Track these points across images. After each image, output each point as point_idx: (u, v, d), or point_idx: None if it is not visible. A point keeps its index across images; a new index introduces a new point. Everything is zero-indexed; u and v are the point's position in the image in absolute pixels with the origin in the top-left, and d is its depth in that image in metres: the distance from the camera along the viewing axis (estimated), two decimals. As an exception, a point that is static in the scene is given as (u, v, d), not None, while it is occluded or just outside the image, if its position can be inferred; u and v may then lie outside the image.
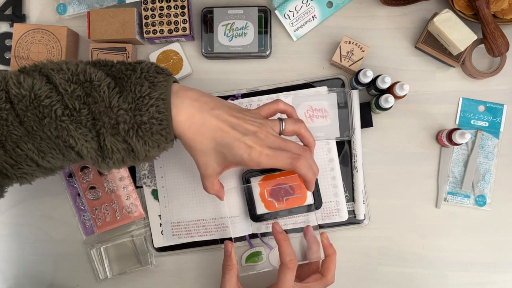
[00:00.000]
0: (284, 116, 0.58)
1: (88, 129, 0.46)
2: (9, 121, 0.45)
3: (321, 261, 0.62)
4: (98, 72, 0.48)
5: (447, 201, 0.67)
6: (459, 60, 0.66)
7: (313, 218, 0.64)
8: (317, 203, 0.64)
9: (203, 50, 0.67)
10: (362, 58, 0.65)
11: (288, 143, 0.52)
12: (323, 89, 0.66)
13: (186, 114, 0.49)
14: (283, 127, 0.54)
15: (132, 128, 0.47)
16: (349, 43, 0.65)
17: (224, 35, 0.66)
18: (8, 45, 0.69)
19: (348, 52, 0.65)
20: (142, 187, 0.67)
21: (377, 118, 0.68)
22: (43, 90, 0.46)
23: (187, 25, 0.66)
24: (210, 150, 0.51)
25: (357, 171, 0.66)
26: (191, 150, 0.52)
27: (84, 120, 0.46)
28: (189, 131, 0.49)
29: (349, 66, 0.65)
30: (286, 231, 0.66)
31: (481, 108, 0.68)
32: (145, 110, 0.47)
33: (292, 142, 0.53)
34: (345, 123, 0.65)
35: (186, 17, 0.66)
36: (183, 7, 0.66)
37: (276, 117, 0.57)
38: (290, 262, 0.56)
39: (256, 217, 0.64)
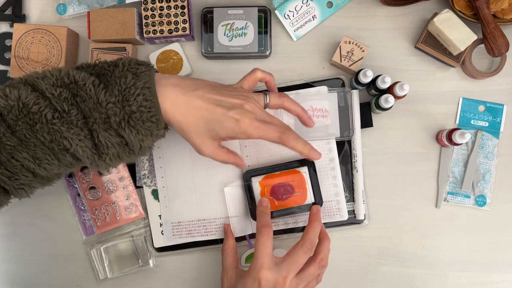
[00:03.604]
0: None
1: (80, 128, 0.47)
2: (1, 132, 0.47)
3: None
4: (81, 73, 0.49)
5: (447, 201, 0.67)
6: (459, 60, 0.66)
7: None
8: (318, 202, 0.64)
9: (203, 50, 0.67)
10: (362, 58, 0.65)
11: (274, 118, 0.54)
12: (324, 89, 0.66)
13: (171, 99, 0.50)
14: (268, 101, 0.56)
15: (123, 119, 0.48)
16: (349, 43, 0.65)
17: (224, 35, 0.66)
18: (8, 45, 0.69)
19: (348, 52, 0.65)
20: (142, 187, 0.67)
21: (377, 118, 0.68)
22: (30, 98, 0.47)
23: (187, 25, 0.66)
24: (201, 129, 0.52)
25: (357, 171, 0.66)
26: (184, 134, 0.53)
27: (75, 120, 0.47)
28: (177, 115, 0.51)
29: (349, 66, 0.65)
30: (286, 231, 0.66)
31: (481, 108, 0.68)
32: (133, 100, 0.48)
33: (277, 119, 0.55)
34: (345, 123, 0.65)
35: (186, 17, 0.66)
36: (183, 7, 0.66)
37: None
38: (262, 227, 0.56)
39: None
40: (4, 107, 0.47)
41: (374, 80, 0.62)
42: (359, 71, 0.62)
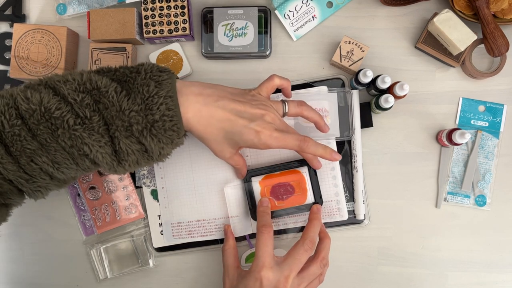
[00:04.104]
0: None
1: (101, 135, 0.48)
2: (22, 136, 0.47)
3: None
4: (103, 78, 0.49)
5: (447, 201, 0.67)
6: (459, 60, 0.66)
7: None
8: (318, 202, 0.64)
9: (203, 50, 0.67)
10: (362, 58, 0.65)
11: (290, 127, 0.56)
12: (324, 88, 0.66)
13: (193, 110, 0.51)
14: (287, 110, 0.57)
15: (146, 128, 0.48)
16: (349, 43, 0.65)
17: (224, 35, 0.66)
18: (8, 45, 0.69)
19: (348, 52, 0.65)
20: (141, 187, 0.67)
21: (377, 118, 0.68)
22: (52, 102, 0.47)
23: (187, 25, 0.66)
24: (222, 139, 0.53)
25: (357, 171, 0.66)
26: (204, 141, 0.54)
27: (96, 127, 0.47)
28: (199, 125, 0.52)
29: (349, 66, 0.65)
30: (286, 231, 0.66)
31: (481, 108, 0.68)
32: (156, 109, 0.48)
33: (294, 133, 0.55)
34: (345, 123, 0.65)
35: (186, 17, 0.66)
36: (183, 7, 0.66)
37: (277, 97, 0.61)
38: (262, 227, 0.57)
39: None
40: (26, 111, 0.47)
41: (374, 80, 0.62)
42: (359, 71, 0.62)
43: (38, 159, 0.48)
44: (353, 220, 0.66)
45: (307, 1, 0.68)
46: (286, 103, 0.57)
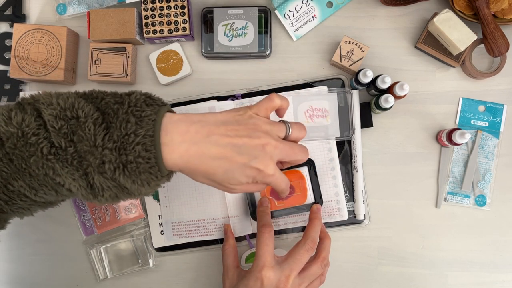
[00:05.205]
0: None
1: (74, 168, 0.44)
2: None
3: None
4: (86, 107, 0.45)
5: (447, 201, 0.67)
6: (459, 60, 0.66)
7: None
8: (318, 202, 0.64)
9: (203, 50, 0.67)
10: (362, 58, 0.65)
11: (294, 148, 0.50)
12: (324, 88, 0.66)
13: (179, 151, 0.45)
14: (289, 133, 0.50)
15: (118, 168, 0.44)
16: (349, 43, 0.65)
17: (224, 35, 0.66)
18: (8, 45, 0.69)
19: (348, 52, 0.65)
20: (142, 187, 0.67)
21: (377, 118, 0.68)
22: (31, 127, 0.44)
23: (187, 25, 0.66)
24: (220, 178, 0.47)
25: (357, 171, 0.66)
26: (202, 182, 0.49)
27: (70, 159, 0.44)
28: (189, 165, 0.46)
29: (349, 66, 0.65)
30: (286, 231, 0.66)
31: (481, 108, 0.68)
32: (131, 149, 0.43)
33: (298, 146, 0.51)
34: (345, 123, 0.65)
35: (186, 17, 0.66)
36: (183, 7, 0.66)
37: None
38: (263, 227, 0.56)
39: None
40: (4, 133, 0.44)
41: (374, 80, 0.62)
42: (359, 71, 0.62)
43: (15, 183, 0.45)
44: (353, 220, 0.66)
45: (307, 1, 0.68)
46: (289, 125, 0.50)
